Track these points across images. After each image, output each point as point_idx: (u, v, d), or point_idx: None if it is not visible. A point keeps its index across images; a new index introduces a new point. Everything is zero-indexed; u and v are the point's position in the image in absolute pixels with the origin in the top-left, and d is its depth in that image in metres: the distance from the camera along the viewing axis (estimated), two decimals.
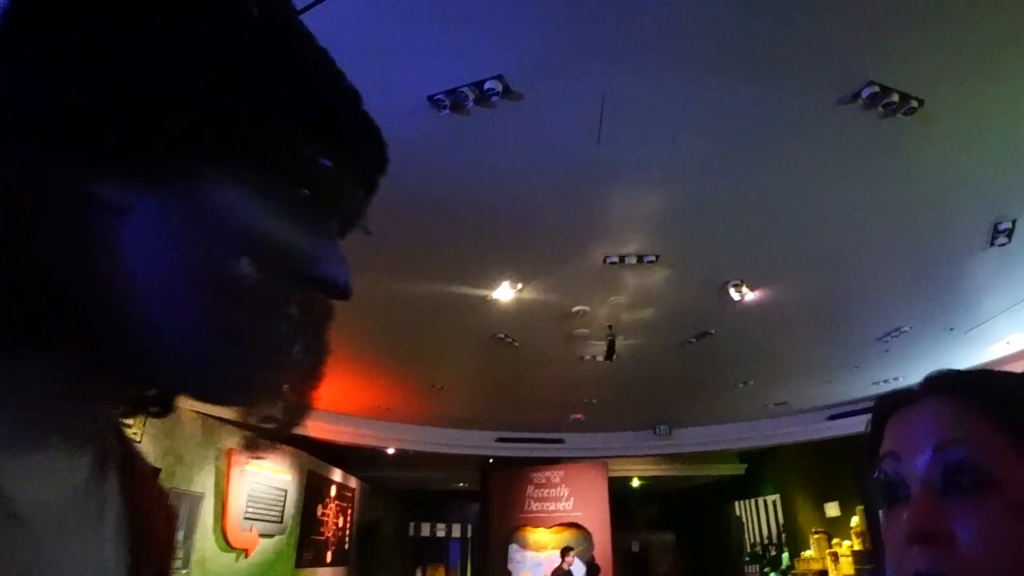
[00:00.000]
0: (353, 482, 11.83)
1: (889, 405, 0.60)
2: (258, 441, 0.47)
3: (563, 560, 8.61)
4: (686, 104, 3.32)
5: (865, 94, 3.15)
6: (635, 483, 13.71)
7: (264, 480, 8.36)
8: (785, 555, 11.35)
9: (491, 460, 10.87)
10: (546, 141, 3.63)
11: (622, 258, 4.84)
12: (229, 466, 7.55)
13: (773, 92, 3.21)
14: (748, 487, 13.27)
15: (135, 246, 0.39)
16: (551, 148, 3.69)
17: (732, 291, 5.25)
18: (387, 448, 10.00)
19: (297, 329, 0.45)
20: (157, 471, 5.05)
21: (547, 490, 10.66)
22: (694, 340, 6.41)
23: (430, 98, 3.34)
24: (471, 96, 3.31)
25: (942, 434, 0.52)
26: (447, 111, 3.38)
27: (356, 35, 2.95)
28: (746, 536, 13.33)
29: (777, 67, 3.06)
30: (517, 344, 6.49)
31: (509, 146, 3.68)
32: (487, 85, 3.24)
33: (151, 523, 0.51)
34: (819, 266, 5.00)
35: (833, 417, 8.89)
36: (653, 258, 4.84)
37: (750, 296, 5.37)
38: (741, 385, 7.99)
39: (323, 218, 0.47)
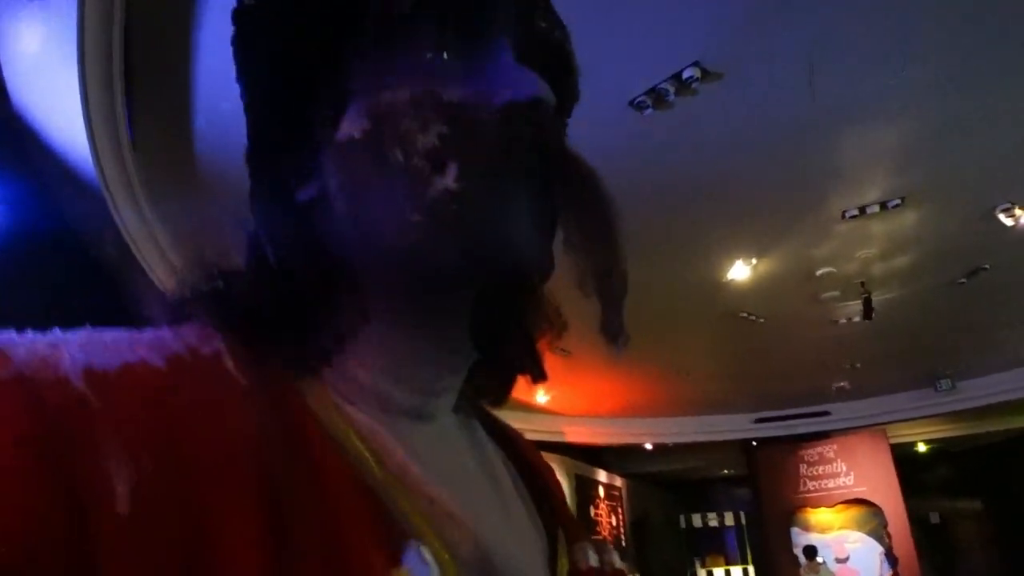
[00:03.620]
0: (618, 480, 12.08)
1: None
2: (607, 326, 0.45)
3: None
4: (905, 23, 3.04)
5: None
6: (921, 448, 12.34)
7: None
8: None
9: (754, 442, 10.49)
10: (756, 109, 3.54)
11: (862, 209, 4.50)
12: None
13: None
14: None
15: (349, 211, 0.42)
16: (763, 115, 3.58)
17: (1002, 217, 4.62)
18: (644, 443, 10.10)
19: (518, 173, 0.41)
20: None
21: (821, 467, 9.98)
22: (964, 280, 5.71)
23: (631, 103, 3.43)
24: (671, 89, 3.34)
25: None
26: (650, 110, 3.44)
27: None
28: None
29: None
30: (762, 320, 6.27)
31: (718, 125, 3.63)
32: (685, 74, 3.25)
33: (547, 488, 0.54)
34: None
35: None
36: (898, 201, 4.44)
37: None
38: None
39: (489, 44, 0.43)
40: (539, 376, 0.51)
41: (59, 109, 2.92)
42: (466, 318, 0.45)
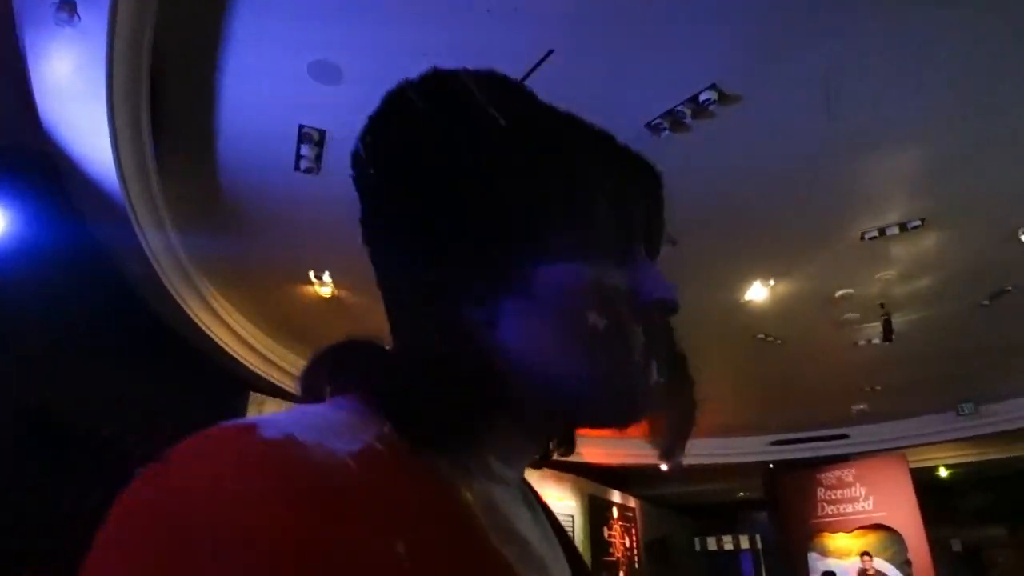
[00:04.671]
0: (632, 502, 11.97)
1: None
2: (671, 451, 0.57)
3: (862, 562, 7.88)
4: (925, 46, 3.04)
5: None
6: (943, 473, 12.11)
7: (552, 509, 8.82)
8: None
9: (771, 465, 10.35)
10: (774, 132, 3.54)
11: (882, 231, 4.47)
12: None
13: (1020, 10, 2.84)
14: None
15: (514, 337, 0.50)
16: (781, 137, 3.59)
17: None
18: (660, 465, 9.99)
19: (649, 347, 0.52)
20: None
21: (840, 491, 9.81)
22: (987, 302, 5.64)
23: (648, 124, 3.45)
24: (688, 112, 3.35)
25: None
26: (667, 132, 3.46)
27: (567, 86, 3.17)
28: None
29: None
30: (780, 342, 6.22)
31: (736, 147, 3.64)
32: (702, 97, 3.27)
33: (570, 541, 0.64)
34: None
35: None
36: (918, 223, 4.41)
37: None
38: None
39: (634, 247, 0.55)
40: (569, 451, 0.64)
41: (87, 130, 2.98)
42: None
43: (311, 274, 4.80)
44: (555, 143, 0.54)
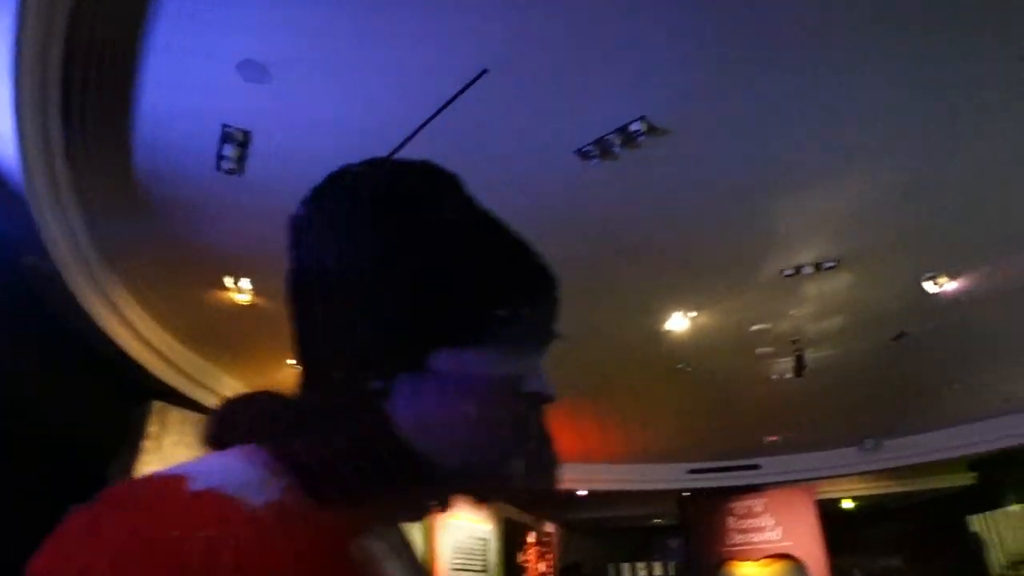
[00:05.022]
0: (550, 527, 11.94)
1: None
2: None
3: None
4: (851, 96, 3.19)
5: None
6: (848, 504, 12.61)
7: (466, 531, 8.70)
8: None
9: (685, 493, 10.54)
10: (701, 167, 3.63)
11: (798, 269, 4.64)
12: (434, 521, 7.95)
13: (944, 65, 3.00)
14: (984, 498, 11.75)
15: (404, 409, 0.55)
16: (707, 173, 3.68)
17: (928, 285, 4.84)
18: (578, 490, 10.03)
19: (520, 434, 0.59)
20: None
21: (749, 520, 10.08)
22: (892, 343, 5.93)
23: (578, 151, 3.48)
24: (618, 141, 3.40)
25: None
26: (596, 160, 3.50)
27: (499, 107, 3.17)
28: (992, 555, 11.76)
29: (947, 38, 2.86)
30: (698, 372, 6.36)
31: (663, 179, 3.72)
32: (632, 128, 3.32)
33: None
34: None
35: None
36: (833, 263, 4.60)
37: (951, 286, 4.91)
38: (955, 385, 7.20)
39: (526, 344, 0.62)
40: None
41: None
42: None
43: (228, 280, 4.61)
44: (470, 244, 0.61)
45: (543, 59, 2.98)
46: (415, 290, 0.58)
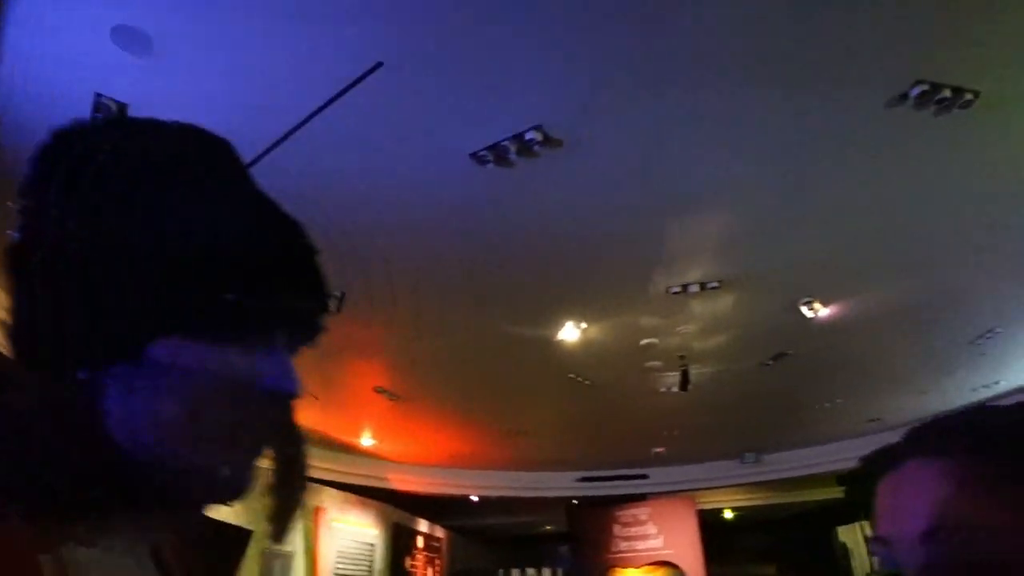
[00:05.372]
0: (440, 532, 11.82)
1: (877, 468, 0.56)
2: (275, 533, 0.59)
3: None
4: (739, 121, 3.27)
5: (914, 93, 3.03)
6: (728, 515, 13.16)
7: (351, 536, 8.46)
8: None
9: (575, 501, 10.68)
10: (593, 181, 3.65)
11: (685, 287, 4.76)
12: (317, 524, 7.68)
13: (820, 101, 3.13)
14: (850, 511, 12.52)
15: (112, 403, 0.49)
16: (599, 188, 3.70)
17: (804, 309, 5.07)
18: (469, 495, 9.98)
19: (252, 435, 0.54)
20: (250, 532, 5.22)
21: (634, 528, 10.35)
22: (771, 362, 6.20)
23: (473, 155, 3.42)
24: (513, 148, 3.36)
25: (930, 519, 0.48)
26: (491, 165, 3.45)
27: (393, 104, 3.07)
28: (856, 564, 12.53)
29: (821, 75, 2.98)
30: (589, 383, 6.43)
31: (556, 190, 3.71)
32: (527, 136, 3.29)
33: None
34: (895, 272, 4.77)
35: None
36: (716, 284, 4.74)
37: (824, 312, 5.16)
38: (828, 404, 7.63)
39: (269, 336, 0.55)
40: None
41: None
42: None
43: None
44: (211, 218, 0.54)
45: (441, 58, 2.89)
46: (137, 265, 0.50)
